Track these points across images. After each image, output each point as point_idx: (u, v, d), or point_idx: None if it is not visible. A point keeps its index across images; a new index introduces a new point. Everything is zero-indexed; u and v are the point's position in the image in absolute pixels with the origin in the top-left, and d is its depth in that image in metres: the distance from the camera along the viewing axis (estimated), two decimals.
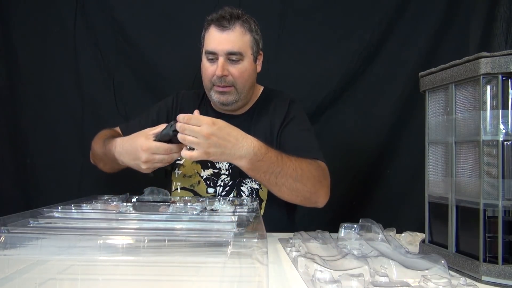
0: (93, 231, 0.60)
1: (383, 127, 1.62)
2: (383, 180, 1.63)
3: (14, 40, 1.58)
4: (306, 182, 0.99)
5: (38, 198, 1.56)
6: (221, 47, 1.10)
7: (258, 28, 1.18)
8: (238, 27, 1.11)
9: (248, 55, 1.14)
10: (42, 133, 1.58)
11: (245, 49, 1.13)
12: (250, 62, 1.15)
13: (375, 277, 0.59)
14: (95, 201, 0.92)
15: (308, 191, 1.01)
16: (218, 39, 1.11)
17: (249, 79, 1.16)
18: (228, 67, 1.12)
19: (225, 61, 1.11)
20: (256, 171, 0.95)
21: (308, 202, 1.05)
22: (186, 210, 0.84)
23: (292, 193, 1.00)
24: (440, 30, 1.59)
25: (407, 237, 0.98)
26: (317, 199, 1.04)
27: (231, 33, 1.10)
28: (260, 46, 1.20)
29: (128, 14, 1.60)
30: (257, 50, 1.18)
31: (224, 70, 1.11)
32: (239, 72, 1.13)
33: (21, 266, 0.60)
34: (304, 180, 0.99)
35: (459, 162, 0.73)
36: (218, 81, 1.12)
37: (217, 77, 1.11)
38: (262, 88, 1.30)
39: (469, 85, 0.71)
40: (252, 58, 1.16)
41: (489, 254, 0.65)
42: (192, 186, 1.19)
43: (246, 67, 1.14)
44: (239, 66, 1.12)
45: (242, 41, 1.12)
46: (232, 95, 1.15)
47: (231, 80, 1.13)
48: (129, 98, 1.62)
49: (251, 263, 0.52)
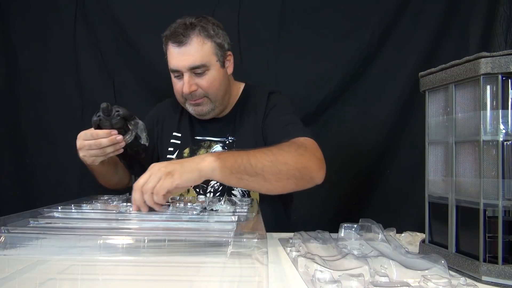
0: (93, 231, 0.60)
1: (383, 127, 1.62)
2: (383, 180, 1.63)
3: (14, 40, 1.58)
4: (287, 161, 0.91)
5: (38, 198, 1.56)
6: (182, 64, 1.07)
7: (220, 29, 1.13)
8: (195, 38, 1.07)
9: (213, 63, 1.09)
10: (42, 133, 1.59)
11: (208, 59, 1.08)
12: (217, 69, 1.11)
13: (375, 277, 0.59)
14: (95, 201, 0.92)
15: (294, 168, 0.91)
16: (177, 56, 1.07)
17: (220, 86, 1.13)
18: (196, 81, 1.09)
19: (191, 76, 1.08)
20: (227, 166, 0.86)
21: (303, 181, 0.95)
22: (186, 210, 0.84)
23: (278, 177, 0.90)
24: (440, 30, 1.59)
25: (407, 237, 0.98)
26: (310, 175, 0.95)
27: (188, 47, 1.06)
28: (227, 47, 1.14)
29: (128, 14, 1.60)
30: (222, 54, 1.12)
31: (191, 86, 1.08)
32: (207, 83, 1.09)
33: (21, 266, 0.60)
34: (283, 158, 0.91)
35: (459, 162, 0.73)
36: (188, 96, 1.11)
37: (186, 94, 1.10)
38: (242, 86, 1.25)
39: (469, 85, 0.70)
40: (218, 64, 1.11)
41: (489, 254, 0.65)
42: (182, 196, 1.16)
43: (214, 76, 1.10)
44: (206, 78, 1.09)
45: (203, 52, 1.07)
46: (206, 105, 1.13)
47: (202, 92, 1.11)
48: (129, 98, 1.62)
49: (251, 263, 0.52)
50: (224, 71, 1.15)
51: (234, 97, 1.23)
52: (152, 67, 1.61)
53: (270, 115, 1.14)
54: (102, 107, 0.93)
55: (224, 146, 1.18)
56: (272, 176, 0.89)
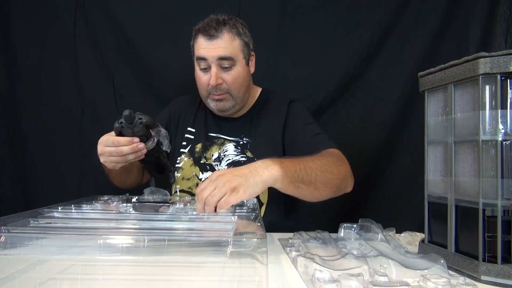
0: (93, 231, 0.60)
1: (383, 127, 1.62)
2: (383, 180, 1.63)
3: (14, 40, 1.58)
4: (332, 170, 0.96)
5: (38, 198, 1.56)
6: (211, 53, 1.10)
7: (247, 30, 1.18)
8: (226, 33, 1.10)
9: (239, 59, 1.13)
10: (42, 133, 1.59)
11: (236, 54, 1.12)
12: (243, 66, 1.15)
13: (375, 276, 0.59)
14: (95, 201, 0.92)
15: (337, 178, 0.97)
16: (207, 46, 1.10)
17: (243, 83, 1.16)
18: (221, 75, 1.12)
19: (218, 69, 1.11)
20: (291, 178, 0.87)
21: (340, 190, 1.01)
22: (186, 210, 0.84)
23: (326, 185, 0.94)
24: (440, 30, 1.59)
25: (406, 237, 0.98)
26: (346, 183, 1.02)
27: (219, 40, 1.10)
28: (251, 47, 1.19)
29: (128, 14, 1.60)
30: (248, 52, 1.17)
31: (218, 79, 1.11)
32: (233, 79, 1.13)
33: (21, 266, 0.60)
34: (330, 167, 0.96)
35: (458, 162, 0.73)
36: (213, 90, 1.13)
37: (212, 87, 1.12)
38: (260, 90, 1.30)
39: (468, 85, 0.71)
40: (244, 61, 1.15)
41: (488, 254, 0.66)
42: (190, 188, 1.20)
43: (240, 72, 1.14)
44: (232, 73, 1.12)
45: (232, 47, 1.11)
46: (228, 101, 1.16)
47: (226, 88, 1.13)
48: (129, 98, 1.62)
49: (251, 263, 0.52)
50: (248, 69, 1.19)
51: (251, 98, 1.26)
52: (152, 67, 1.61)
53: (296, 124, 1.18)
54: (124, 114, 0.90)
55: (237, 146, 1.20)
56: (322, 185, 0.93)
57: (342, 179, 0.99)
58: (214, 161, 1.19)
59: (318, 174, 0.92)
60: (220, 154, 1.20)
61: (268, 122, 1.21)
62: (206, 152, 1.21)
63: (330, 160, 0.99)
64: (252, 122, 1.22)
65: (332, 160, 1.00)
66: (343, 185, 1.01)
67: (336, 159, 1.02)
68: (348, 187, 1.04)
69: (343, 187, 1.02)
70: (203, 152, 1.21)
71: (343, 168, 1.01)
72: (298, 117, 1.19)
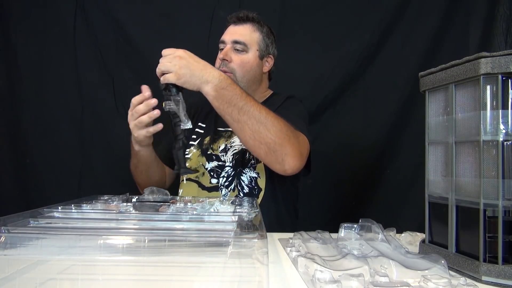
0: (93, 231, 0.60)
1: (383, 127, 1.62)
2: (383, 180, 1.63)
3: (14, 40, 1.58)
4: (270, 128, 0.94)
5: (38, 198, 1.56)
6: (229, 36, 1.21)
7: (272, 35, 1.26)
8: (250, 24, 1.23)
9: (253, 49, 1.21)
10: (42, 133, 1.59)
11: (250, 42, 1.21)
12: (255, 56, 1.22)
13: (375, 277, 0.59)
14: (95, 201, 0.92)
15: (272, 139, 0.95)
16: (229, 31, 1.23)
17: (250, 70, 1.22)
18: (232, 55, 1.20)
19: (231, 49, 1.20)
20: (220, 100, 0.95)
21: (273, 156, 0.97)
22: (186, 210, 0.84)
23: (254, 136, 0.95)
24: (440, 30, 1.59)
25: (407, 237, 0.98)
26: (283, 155, 0.97)
27: (241, 27, 1.22)
28: (270, 51, 1.26)
29: (128, 14, 1.60)
30: (265, 50, 1.25)
31: (226, 55, 1.19)
32: (240, 61, 1.20)
33: (21, 266, 0.60)
34: (268, 124, 0.94)
35: (459, 162, 0.73)
36: (222, 65, 1.19)
37: (220, 61, 1.19)
38: (271, 92, 1.35)
39: (469, 85, 0.70)
40: (257, 53, 1.22)
41: (489, 254, 0.65)
42: (197, 177, 1.23)
43: (249, 59, 1.21)
44: (242, 56, 1.20)
45: (250, 36, 1.21)
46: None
47: (232, 67, 1.20)
48: (129, 98, 1.62)
49: (251, 263, 0.52)
50: (260, 63, 1.26)
51: (261, 97, 1.31)
52: (152, 67, 1.59)
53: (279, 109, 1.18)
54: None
55: None
56: (249, 130, 0.95)
57: (278, 145, 0.95)
58: (220, 152, 1.23)
59: (251, 118, 0.94)
60: (227, 145, 1.23)
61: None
62: (214, 144, 1.25)
63: (281, 123, 0.96)
64: None
65: (282, 125, 0.96)
66: (278, 154, 0.96)
67: (291, 131, 0.98)
68: (287, 163, 0.98)
69: (278, 157, 0.97)
70: (211, 144, 1.25)
71: (288, 140, 0.97)
72: (285, 105, 1.23)
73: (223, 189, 1.18)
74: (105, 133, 1.61)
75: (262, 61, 1.26)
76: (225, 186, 1.19)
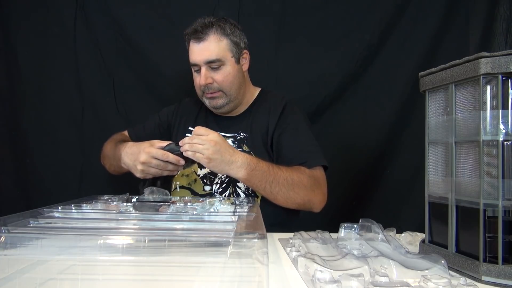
0: (93, 231, 0.60)
1: (383, 127, 1.62)
2: (383, 180, 1.63)
3: (14, 40, 1.58)
4: (299, 191, 1.07)
5: (38, 198, 1.56)
6: (199, 58, 1.17)
7: (237, 29, 1.21)
8: (212, 35, 1.16)
9: (228, 58, 1.18)
10: (42, 133, 1.59)
11: (223, 54, 1.17)
12: (232, 64, 1.20)
13: (375, 277, 0.59)
14: (95, 201, 0.92)
15: (301, 199, 1.09)
16: (196, 51, 1.17)
17: (234, 80, 1.21)
18: (212, 75, 1.18)
19: (207, 70, 1.18)
20: (253, 180, 1.04)
21: (303, 207, 1.14)
22: (186, 210, 0.84)
23: (287, 200, 1.08)
24: (440, 30, 1.59)
25: (407, 237, 0.98)
26: (311, 206, 1.12)
27: (206, 43, 1.16)
28: (242, 46, 1.23)
29: (128, 14, 1.60)
30: (238, 51, 1.21)
31: (207, 79, 1.18)
32: (222, 77, 1.18)
33: (21, 266, 0.60)
34: (296, 189, 1.07)
35: (459, 162, 0.73)
36: (205, 89, 1.20)
37: (203, 86, 1.18)
38: (259, 90, 1.33)
39: (469, 85, 0.70)
40: (233, 60, 1.20)
41: (489, 254, 0.65)
42: (190, 185, 1.22)
43: (229, 71, 1.19)
44: (221, 72, 1.18)
45: (219, 48, 1.17)
46: (221, 98, 1.21)
47: (217, 86, 1.19)
48: (129, 98, 1.62)
49: (251, 263, 0.52)
50: (239, 67, 1.23)
51: (249, 98, 1.30)
52: (152, 67, 1.61)
53: (286, 133, 1.20)
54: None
55: (235, 141, 1.23)
56: (281, 198, 1.08)
57: (307, 201, 1.11)
58: None
59: (282, 190, 1.06)
60: None
61: (263, 118, 1.24)
62: None
63: (305, 182, 1.08)
64: (250, 119, 1.25)
65: (306, 184, 1.08)
66: (307, 205, 1.12)
67: (313, 184, 1.10)
68: (314, 208, 1.13)
69: (307, 207, 1.13)
70: None
71: (314, 193, 1.10)
72: (290, 125, 1.21)
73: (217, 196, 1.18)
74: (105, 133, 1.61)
75: (240, 63, 1.23)
76: (219, 193, 1.18)
